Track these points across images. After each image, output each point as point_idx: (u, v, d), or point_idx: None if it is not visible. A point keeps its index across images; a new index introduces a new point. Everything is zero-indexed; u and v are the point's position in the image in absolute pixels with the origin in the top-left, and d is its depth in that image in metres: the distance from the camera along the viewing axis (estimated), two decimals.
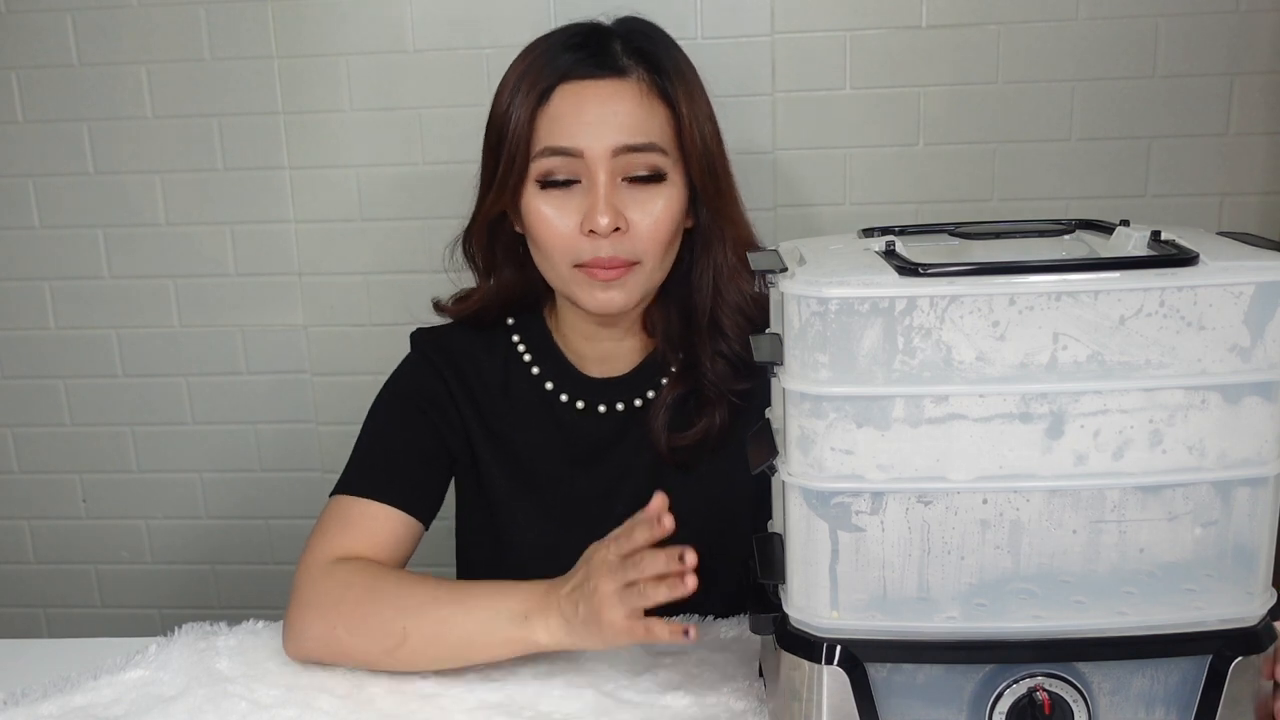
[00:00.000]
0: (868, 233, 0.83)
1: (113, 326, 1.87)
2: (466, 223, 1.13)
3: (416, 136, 1.75)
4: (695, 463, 1.08)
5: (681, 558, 0.81)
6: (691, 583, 0.81)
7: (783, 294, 0.69)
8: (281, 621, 1.01)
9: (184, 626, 1.02)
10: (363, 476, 1.07)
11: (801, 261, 0.72)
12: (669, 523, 0.83)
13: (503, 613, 0.91)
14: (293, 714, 0.89)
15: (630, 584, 0.83)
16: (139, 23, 1.75)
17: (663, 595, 0.82)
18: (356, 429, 1.13)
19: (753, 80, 1.65)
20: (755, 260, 0.77)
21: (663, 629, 0.83)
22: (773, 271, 0.72)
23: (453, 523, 1.19)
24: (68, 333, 1.89)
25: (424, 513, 1.07)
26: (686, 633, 0.83)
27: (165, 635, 1.01)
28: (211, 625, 1.02)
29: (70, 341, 1.89)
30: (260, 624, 1.03)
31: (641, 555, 0.84)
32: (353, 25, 1.73)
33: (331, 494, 1.07)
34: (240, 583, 1.96)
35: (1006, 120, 1.69)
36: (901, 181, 1.72)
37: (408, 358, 1.16)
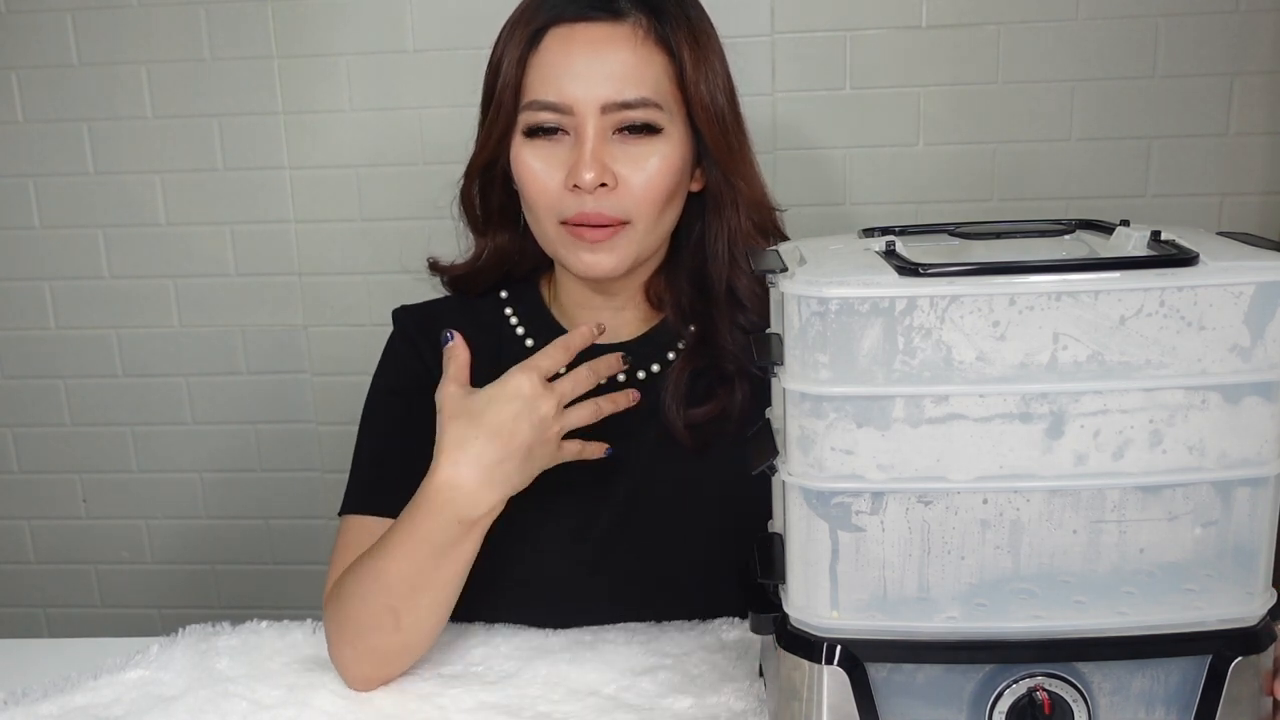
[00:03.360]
0: (868, 233, 0.82)
1: (113, 326, 1.88)
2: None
3: (416, 136, 1.76)
4: (713, 442, 1.03)
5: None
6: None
7: (783, 294, 0.69)
8: (285, 621, 1.02)
9: (188, 627, 1.01)
10: (367, 492, 1.03)
11: (801, 261, 0.72)
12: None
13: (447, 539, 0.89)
14: (293, 714, 0.89)
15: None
16: (139, 23, 1.75)
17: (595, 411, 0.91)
18: (356, 429, 1.12)
19: (753, 80, 1.66)
20: (755, 260, 0.76)
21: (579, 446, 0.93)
22: (773, 271, 0.72)
23: None
24: (68, 333, 1.89)
25: None
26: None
27: (167, 635, 1.01)
28: (214, 626, 1.02)
29: (70, 341, 1.89)
30: (263, 624, 1.02)
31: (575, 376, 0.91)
32: (353, 25, 1.73)
33: (339, 513, 1.04)
34: (240, 583, 1.96)
35: (1006, 120, 1.69)
36: (901, 181, 1.72)
37: (389, 339, 1.12)
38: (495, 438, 0.86)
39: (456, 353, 0.91)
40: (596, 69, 0.95)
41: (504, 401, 0.86)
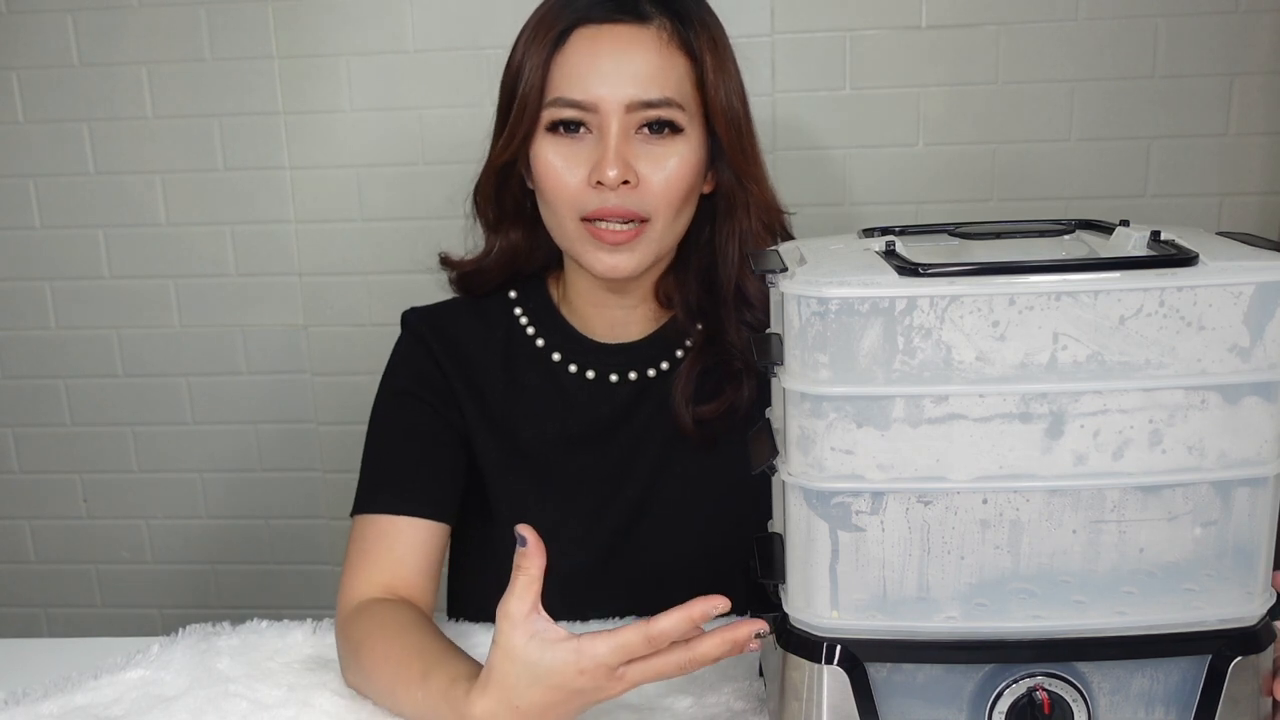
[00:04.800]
0: (868, 233, 0.82)
1: (113, 326, 1.88)
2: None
3: (416, 136, 1.76)
4: (719, 438, 1.04)
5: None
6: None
7: (783, 294, 0.69)
8: (285, 621, 1.02)
9: (188, 627, 1.02)
10: (374, 491, 1.03)
11: (801, 261, 0.72)
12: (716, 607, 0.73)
13: None
14: (293, 714, 0.89)
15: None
16: (139, 23, 1.75)
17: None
18: (356, 429, 1.11)
19: (753, 80, 1.65)
20: (756, 260, 0.76)
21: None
22: (773, 271, 0.72)
23: None
24: (68, 333, 1.89)
25: (443, 512, 1.02)
26: None
27: (167, 635, 1.01)
28: (214, 626, 1.02)
29: (71, 341, 1.89)
30: (263, 624, 1.02)
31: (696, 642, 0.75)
32: (353, 25, 1.73)
33: (351, 513, 1.04)
34: (240, 583, 1.96)
35: (1006, 120, 1.69)
36: (901, 181, 1.72)
37: (398, 341, 1.12)
38: (547, 707, 0.77)
39: (527, 564, 0.76)
40: (623, 69, 0.97)
41: (570, 676, 0.75)
